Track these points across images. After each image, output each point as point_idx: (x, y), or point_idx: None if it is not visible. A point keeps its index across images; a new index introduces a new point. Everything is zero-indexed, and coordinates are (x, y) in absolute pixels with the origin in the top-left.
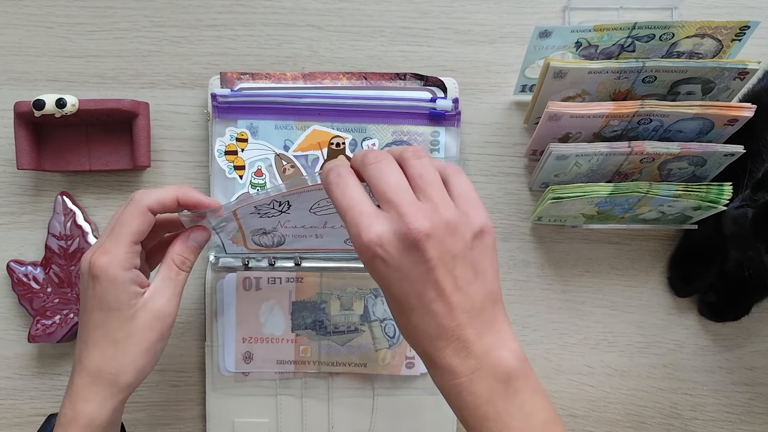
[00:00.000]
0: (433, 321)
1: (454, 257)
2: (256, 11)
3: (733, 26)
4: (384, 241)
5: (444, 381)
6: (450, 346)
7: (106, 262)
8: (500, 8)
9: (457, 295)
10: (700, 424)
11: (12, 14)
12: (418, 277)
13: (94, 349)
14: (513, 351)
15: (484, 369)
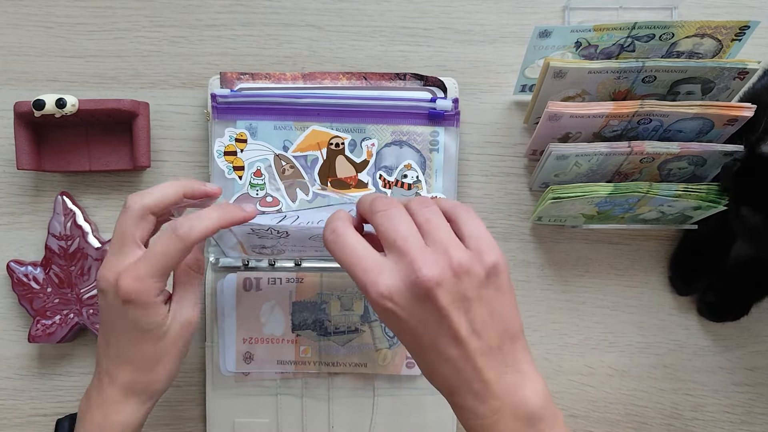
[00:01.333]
0: (449, 366)
1: (468, 300)
2: (256, 11)
3: (732, 26)
4: (394, 293)
5: (465, 420)
6: (469, 389)
7: (141, 289)
8: (500, 8)
9: (473, 339)
10: (701, 424)
11: (12, 14)
12: (431, 324)
13: (127, 365)
14: (537, 391)
15: (506, 410)
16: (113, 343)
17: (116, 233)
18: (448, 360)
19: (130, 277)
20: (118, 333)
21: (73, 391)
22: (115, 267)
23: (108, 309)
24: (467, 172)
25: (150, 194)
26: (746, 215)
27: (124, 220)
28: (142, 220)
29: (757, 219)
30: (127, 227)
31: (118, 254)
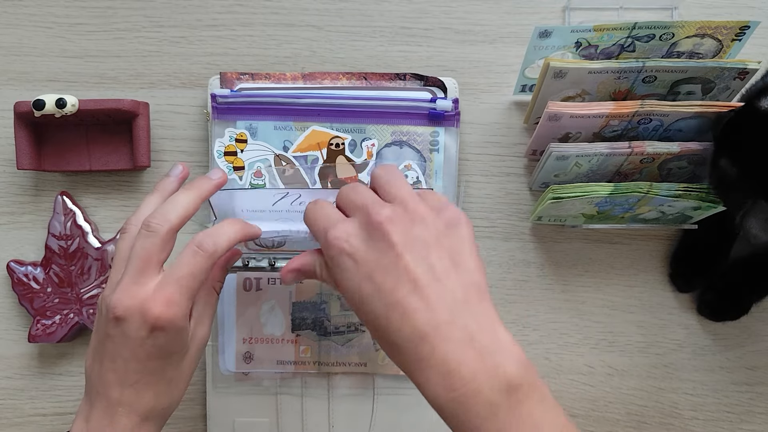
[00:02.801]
0: (411, 321)
1: (425, 244)
2: (256, 11)
3: (733, 26)
4: (350, 234)
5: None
6: (436, 351)
7: (174, 315)
8: (500, 8)
9: (435, 286)
10: (701, 423)
11: (12, 14)
12: (388, 267)
13: (146, 391)
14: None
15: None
16: (131, 372)
17: (134, 258)
18: (410, 312)
19: (161, 304)
20: (142, 361)
21: (73, 391)
22: (137, 294)
23: (125, 338)
24: (467, 172)
25: (173, 213)
26: (723, 167)
27: (150, 244)
28: (168, 242)
29: (732, 172)
30: (154, 252)
31: (138, 280)
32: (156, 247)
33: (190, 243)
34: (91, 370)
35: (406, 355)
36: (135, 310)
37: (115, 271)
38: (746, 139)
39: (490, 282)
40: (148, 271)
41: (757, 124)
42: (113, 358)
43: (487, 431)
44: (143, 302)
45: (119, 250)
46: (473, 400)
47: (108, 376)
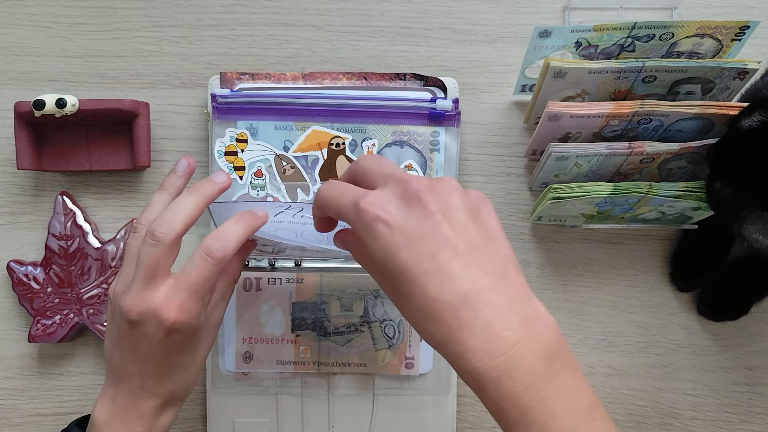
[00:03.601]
0: (453, 286)
1: (462, 215)
2: (256, 11)
3: (732, 26)
4: (385, 201)
5: (477, 366)
6: (479, 316)
7: (187, 319)
8: (500, 8)
9: (476, 253)
10: (700, 423)
11: (12, 14)
12: (426, 234)
13: (166, 379)
14: (549, 324)
15: (523, 345)
16: (150, 364)
17: (142, 266)
18: (452, 277)
19: (174, 310)
20: (156, 355)
21: (73, 391)
22: (150, 299)
23: (142, 338)
24: (467, 172)
25: (177, 221)
26: (718, 190)
27: (156, 252)
28: (174, 249)
29: (727, 193)
30: (161, 259)
31: (148, 287)
32: (162, 255)
33: (198, 248)
34: (111, 356)
35: (443, 324)
36: (150, 315)
37: (127, 268)
38: (734, 158)
39: None
40: (157, 277)
41: (741, 143)
42: (132, 351)
43: (526, 401)
44: (157, 307)
45: (130, 248)
46: (517, 365)
47: (129, 367)
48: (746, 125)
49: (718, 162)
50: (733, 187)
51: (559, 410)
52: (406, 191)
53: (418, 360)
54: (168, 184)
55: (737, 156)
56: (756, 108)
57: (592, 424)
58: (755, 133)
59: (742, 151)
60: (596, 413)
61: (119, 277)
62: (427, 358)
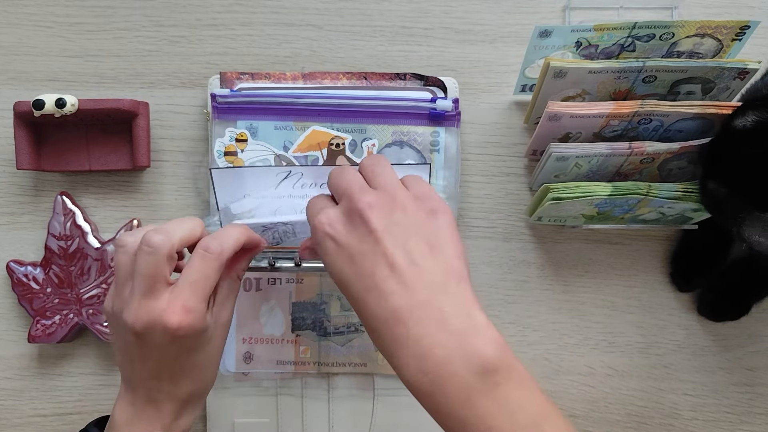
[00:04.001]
0: (388, 303)
1: (404, 230)
2: (256, 11)
3: (733, 26)
4: (333, 219)
5: (413, 381)
6: (411, 333)
7: (193, 321)
8: (500, 8)
9: (412, 270)
10: (700, 424)
11: (12, 14)
12: (367, 252)
13: (182, 380)
14: (490, 338)
15: (455, 362)
16: (164, 369)
17: (141, 276)
18: (388, 294)
19: (178, 313)
20: (166, 361)
21: (73, 392)
22: (153, 308)
23: (150, 346)
24: (467, 172)
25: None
26: (712, 189)
27: (153, 262)
28: (171, 259)
29: (721, 193)
30: (159, 269)
31: (150, 296)
32: (160, 263)
33: (196, 249)
34: (123, 366)
35: (383, 339)
36: (154, 324)
37: (120, 285)
38: (728, 158)
39: (490, 282)
40: (157, 285)
41: (735, 143)
42: (143, 361)
43: (463, 416)
44: (161, 315)
45: (119, 264)
46: (448, 383)
47: (142, 373)
48: (740, 125)
49: (712, 162)
50: (728, 188)
51: (498, 424)
52: (351, 208)
53: None
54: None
55: (731, 156)
56: (749, 108)
57: None
58: (749, 132)
59: (737, 151)
60: (545, 424)
61: (112, 295)
62: None
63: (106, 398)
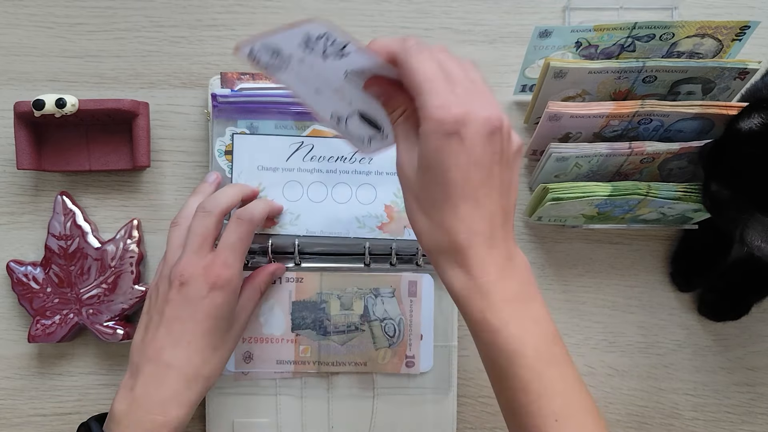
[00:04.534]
0: (481, 216)
1: (509, 161)
2: (256, 11)
3: (733, 26)
4: (470, 120)
5: (471, 278)
6: (486, 242)
7: (231, 275)
8: (500, 8)
9: (505, 200)
10: (701, 424)
11: (12, 14)
12: (486, 165)
13: (195, 355)
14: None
15: (512, 267)
16: (184, 332)
17: (195, 235)
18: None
19: (219, 266)
20: (198, 321)
21: (73, 391)
22: (198, 262)
23: (186, 301)
24: None
25: (223, 199)
26: (715, 191)
27: (207, 223)
28: (220, 222)
29: (724, 195)
30: (210, 230)
31: (198, 253)
32: (212, 224)
33: (232, 217)
34: (141, 343)
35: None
36: (198, 275)
37: (170, 255)
38: (732, 160)
39: None
40: (205, 245)
41: (740, 145)
42: (170, 322)
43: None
44: (205, 267)
45: (172, 238)
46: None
47: (162, 341)
48: (746, 127)
49: (715, 163)
50: (731, 189)
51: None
52: (490, 122)
53: (419, 359)
54: (200, 190)
55: (735, 157)
56: (755, 110)
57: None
58: (755, 135)
59: (741, 152)
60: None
61: (160, 266)
62: (428, 356)
63: (106, 398)
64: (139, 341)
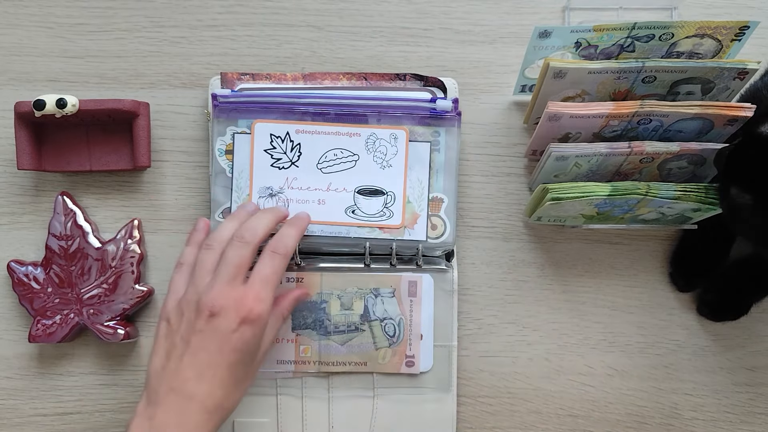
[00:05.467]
0: None
1: None
2: (256, 11)
3: (732, 26)
4: None
5: None
6: None
7: (263, 309)
8: (500, 8)
9: None
10: (701, 424)
11: (12, 14)
12: None
13: (219, 388)
14: None
15: None
16: (212, 366)
17: (230, 264)
18: None
19: (252, 299)
20: (221, 354)
21: (73, 391)
22: (230, 294)
23: (214, 332)
24: (467, 172)
25: (260, 229)
26: (734, 195)
27: (244, 253)
28: (255, 252)
29: (744, 199)
30: (246, 260)
31: (231, 283)
32: (248, 255)
33: (265, 250)
34: (161, 369)
35: None
36: (229, 307)
37: (198, 278)
38: (755, 165)
39: (490, 282)
40: (239, 276)
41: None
42: (196, 352)
43: None
44: (237, 300)
45: (204, 261)
46: None
47: (186, 372)
48: (766, 132)
49: (736, 167)
50: (754, 194)
51: None
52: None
53: (419, 358)
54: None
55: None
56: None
57: None
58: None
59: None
60: None
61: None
62: (428, 356)
63: (106, 398)
64: (160, 368)
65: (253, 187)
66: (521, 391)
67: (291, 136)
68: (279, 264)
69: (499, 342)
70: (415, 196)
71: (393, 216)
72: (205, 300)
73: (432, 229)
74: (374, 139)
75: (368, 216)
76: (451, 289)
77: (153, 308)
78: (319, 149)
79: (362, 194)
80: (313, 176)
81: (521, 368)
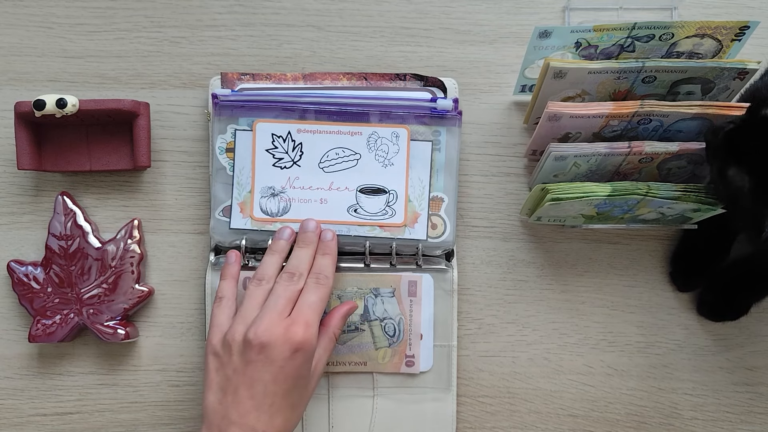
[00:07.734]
0: None
1: None
2: (256, 11)
3: (732, 26)
4: None
5: None
6: None
7: (312, 335)
8: (500, 8)
9: None
10: (700, 424)
11: (12, 14)
12: None
13: (278, 416)
14: None
15: None
16: (269, 395)
17: (281, 298)
18: None
19: (302, 327)
20: (276, 383)
21: (73, 391)
22: (280, 324)
23: (268, 363)
24: (467, 172)
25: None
26: (733, 176)
27: (294, 288)
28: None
29: (743, 181)
30: (296, 294)
31: (281, 314)
32: (298, 289)
33: (309, 277)
34: (218, 404)
35: None
36: (280, 336)
37: (248, 312)
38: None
39: (490, 282)
40: (288, 307)
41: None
42: (251, 384)
43: None
44: (286, 329)
45: (254, 296)
46: None
47: (245, 404)
48: None
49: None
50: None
51: None
52: None
53: (419, 358)
54: (277, 248)
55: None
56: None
57: None
58: None
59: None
60: None
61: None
62: (428, 356)
63: (106, 397)
64: (217, 402)
65: (255, 187)
66: (521, 391)
67: (292, 135)
68: (324, 292)
69: (499, 342)
70: (416, 195)
71: (395, 214)
72: (255, 332)
73: (432, 228)
74: (376, 137)
75: (370, 214)
76: (451, 289)
77: (153, 308)
78: (321, 148)
79: (365, 193)
80: (315, 175)
81: (521, 368)
